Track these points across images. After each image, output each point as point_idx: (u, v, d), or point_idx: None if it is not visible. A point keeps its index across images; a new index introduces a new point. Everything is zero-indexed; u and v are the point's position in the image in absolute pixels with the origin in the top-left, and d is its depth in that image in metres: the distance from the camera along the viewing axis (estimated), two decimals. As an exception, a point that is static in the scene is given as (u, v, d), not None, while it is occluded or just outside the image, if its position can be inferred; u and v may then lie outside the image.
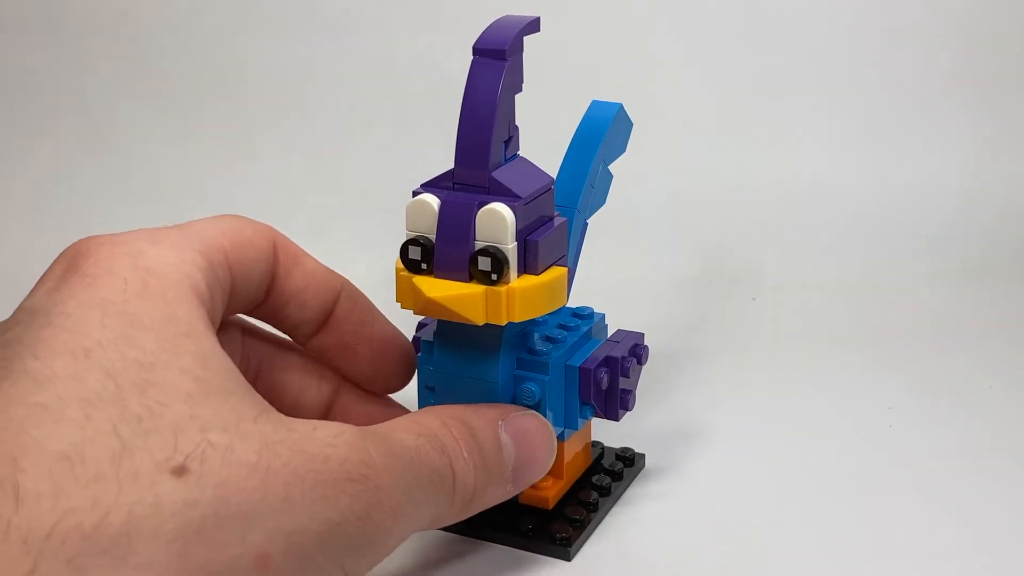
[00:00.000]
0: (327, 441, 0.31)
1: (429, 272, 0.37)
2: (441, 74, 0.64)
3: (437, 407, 0.37)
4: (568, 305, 0.41)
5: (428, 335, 0.40)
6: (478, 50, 0.37)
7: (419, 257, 0.37)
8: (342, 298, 0.40)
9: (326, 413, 0.41)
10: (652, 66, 0.69)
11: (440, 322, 0.39)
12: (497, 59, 0.36)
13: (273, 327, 0.40)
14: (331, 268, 0.40)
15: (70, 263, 0.32)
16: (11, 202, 0.72)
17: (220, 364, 0.31)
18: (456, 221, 0.36)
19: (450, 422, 0.36)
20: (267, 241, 0.38)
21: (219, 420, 0.29)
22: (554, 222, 0.38)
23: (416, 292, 0.36)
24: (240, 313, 0.39)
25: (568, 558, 0.40)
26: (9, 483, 0.26)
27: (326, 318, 0.40)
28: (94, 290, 0.31)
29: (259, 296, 0.38)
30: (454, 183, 0.37)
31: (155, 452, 0.28)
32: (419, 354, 0.41)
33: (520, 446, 0.38)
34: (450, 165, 0.37)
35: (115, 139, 0.73)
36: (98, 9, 0.74)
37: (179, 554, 0.27)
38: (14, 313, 0.32)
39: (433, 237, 0.37)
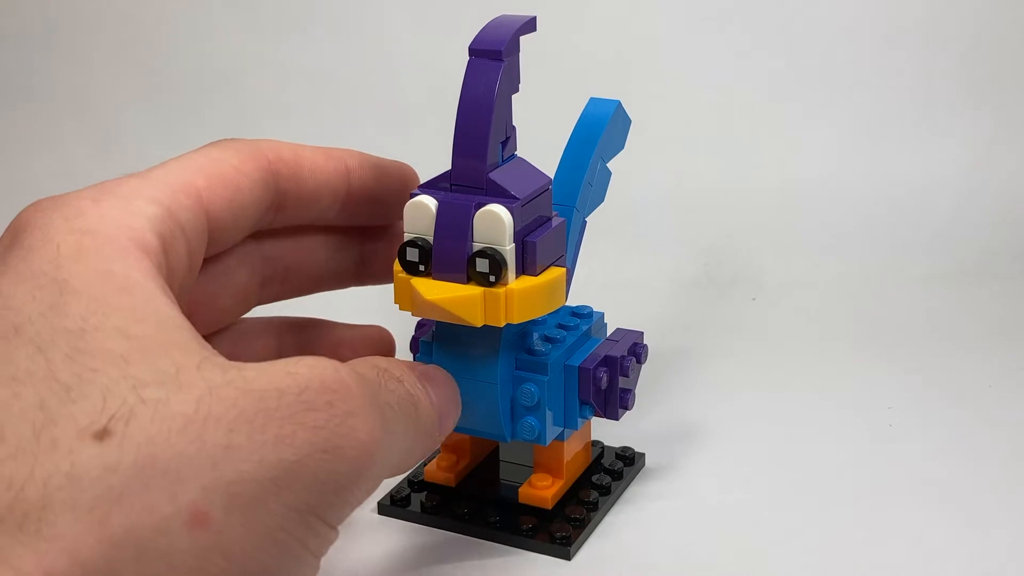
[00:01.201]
0: (284, 370, 0.29)
1: (427, 274, 0.37)
2: (440, 74, 0.64)
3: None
4: (567, 304, 0.41)
5: (427, 336, 0.40)
6: (474, 51, 0.37)
7: (417, 259, 0.37)
8: (354, 177, 0.39)
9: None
10: (651, 64, 0.69)
11: (439, 323, 0.39)
12: (493, 60, 0.36)
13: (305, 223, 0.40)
14: (329, 148, 0.39)
15: (12, 236, 0.32)
16: (11, 203, 0.72)
17: (157, 315, 0.29)
18: (454, 222, 0.36)
19: (380, 361, 0.34)
20: (256, 163, 0.36)
21: (155, 375, 0.28)
22: (552, 222, 0.38)
23: (414, 294, 0.36)
24: (256, 230, 0.38)
25: (568, 557, 0.40)
26: None
27: (345, 197, 0.39)
28: (27, 263, 0.30)
29: (267, 216, 0.37)
30: (452, 184, 0.37)
31: (80, 418, 0.27)
32: (418, 355, 0.41)
33: (435, 390, 0.35)
34: (448, 166, 0.37)
35: (115, 139, 0.73)
36: (99, 10, 0.74)
37: (99, 522, 0.26)
38: None
39: (431, 239, 0.37)
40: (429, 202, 0.37)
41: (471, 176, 0.37)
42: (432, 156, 0.43)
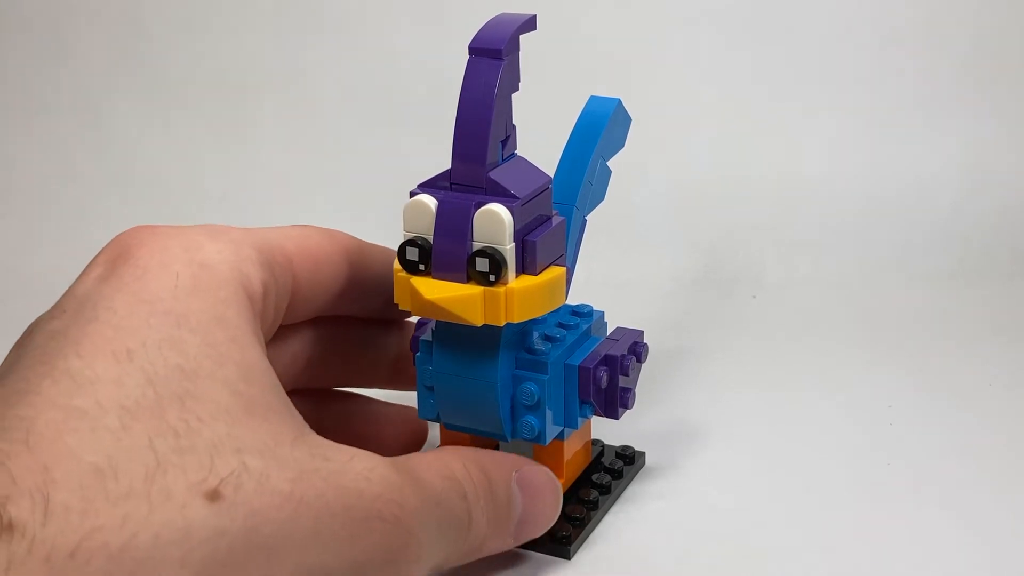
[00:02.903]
0: (363, 475, 0.31)
1: (427, 273, 0.37)
2: (440, 73, 0.64)
3: (458, 449, 0.37)
4: (567, 303, 0.41)
5: (427, 335, 0.40)
6: (474, 49, 0.36)
7: (417, 258, 0.37)
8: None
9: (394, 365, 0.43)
10: (651, 63, 0.69)
11: (439, 322, 0.38)
12: (493, 58, 0.36)
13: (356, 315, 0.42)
14: (388, 248, 0.41)
15: (122, 250, 0.32)
16: (11, 201, 0.72)
17: (262, 378, 0.31)
18: (454, 222, 0.36)
19: (471, 467, 0.36)
20: (339, 247, 0.38)
21: (257, 443, 0.29)
22: (552, 221, 0.38)
23: (414, 293, 0.36)
24: (321, 313, 0.40)
25: (568, 556, 0.40)
26: (40, 494, 0.26)
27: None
28: (143, 283, 0.31)
29: (333, 300, 0.39)
30: (451, 183, 0.37)
31: (190, 472, 0.27)
32: (418, 353, 0.41)
33: (528, 501, 0.38)
34: (448, 165, 0.37)
35: (115, 138, 0.73)
36: (98, 7, 0.74)
37: None
38: (61, 299, 0.32)
39: (431, 238, 0.36)
40: (429, 201, 0.37)
41: (471, 175, 0.37)
42: (432, 156, 0.43)
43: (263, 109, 0.72)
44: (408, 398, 0.46)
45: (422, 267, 0.37)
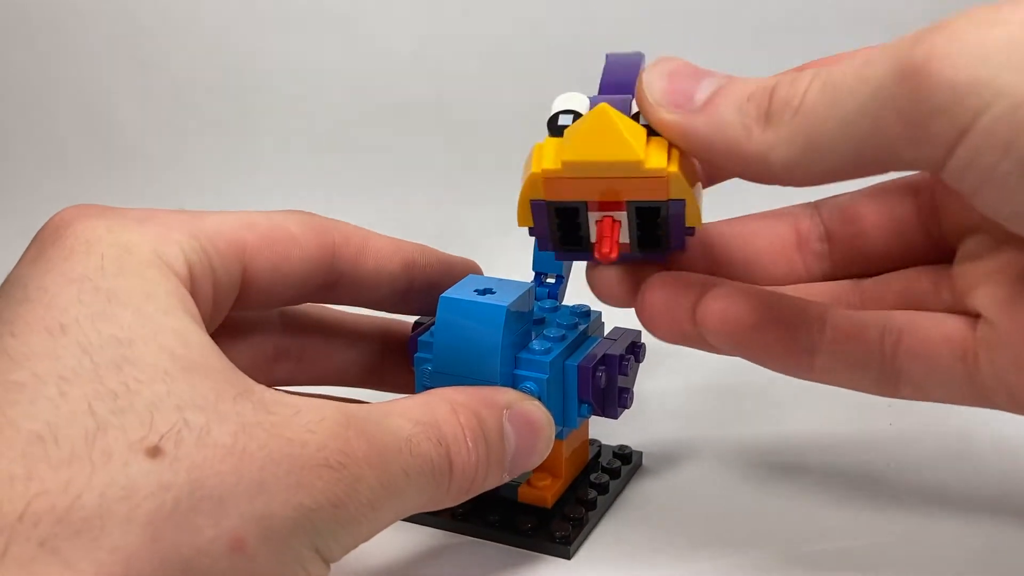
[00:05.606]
0: (307, 427, 0.31)
1: None
2: (443, 75, 0.64)
3: (449, 389, 0.37)
4: (566, 303, 0.41)
5: (426, 335, 0.40)
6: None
7: (570, 123, 0.35)
8: (416, 272, 0.41)
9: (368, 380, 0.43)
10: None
11: (438, 322, 0.39)
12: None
13: (359, 307, 0.42)
14: (400, 240, 0.41)
15: (50, 232, 0.33)
16: (11, 198, 0.72)
17: (200, 341, 0.31)
18: (621, 75, 0.36)
19: (460, 409, 0.35)
20: (318, 239, 0.38)
21: (197, 399, 0.29)
22: None
23: (563, 144, 0.34)
24: (305, 302, 0.39)
25: (568, 556, 0.40)
26: None
27: (407, 288, 0.41)
28: (70, 264, 0.31)
29: (319, 293, 0.39)
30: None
31: (129, 431, 0.28)
32: (417, 353, 0.41)
33: (520, 437, 0.37)
34: (451, 167, 0.37)
35: (115, 137, 0.73)
36: (98, 6, 0.74)
37: (152, 537, 0.27)
38: (1, 285, 0.32)
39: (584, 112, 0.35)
40: (581, 95, 0.36)
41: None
42: (433, 155, 0.43)
43: (264, 108, 0.72)
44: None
45: None
